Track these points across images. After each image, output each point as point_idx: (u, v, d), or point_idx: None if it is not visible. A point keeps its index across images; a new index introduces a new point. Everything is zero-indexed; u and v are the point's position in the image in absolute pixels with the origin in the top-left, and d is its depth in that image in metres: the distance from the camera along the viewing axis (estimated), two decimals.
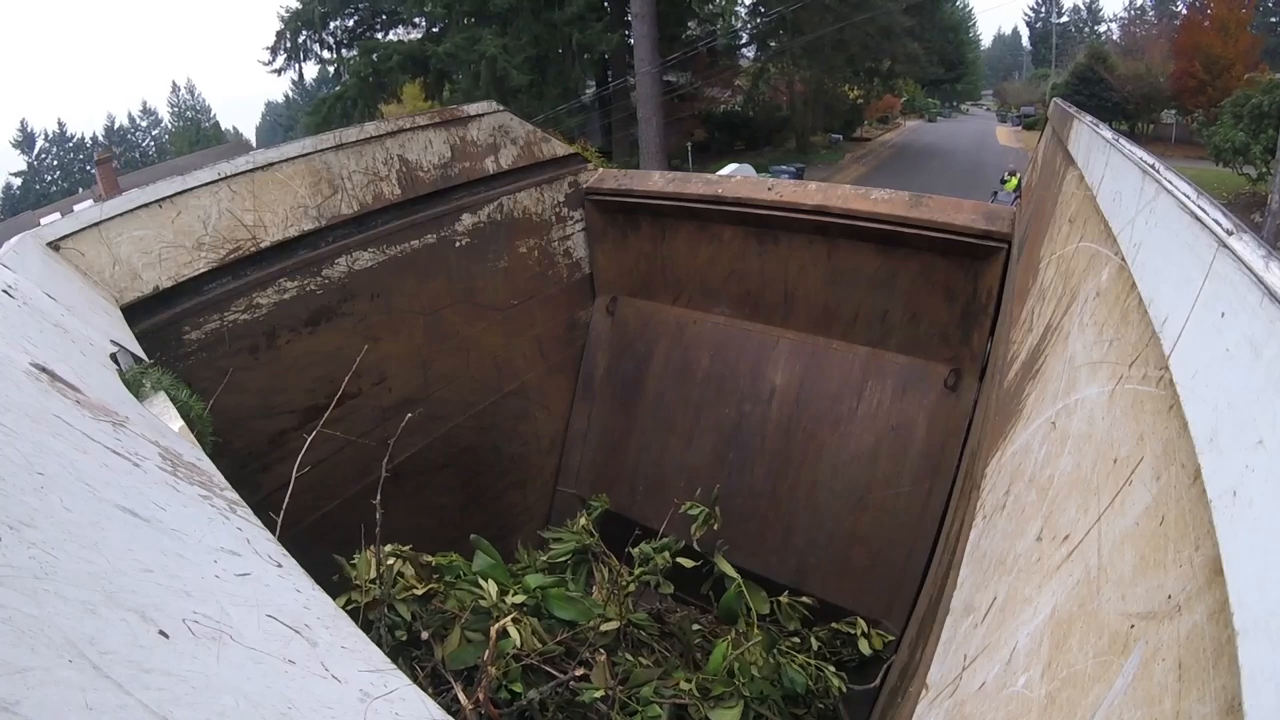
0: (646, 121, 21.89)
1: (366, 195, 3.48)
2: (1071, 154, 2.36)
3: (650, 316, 4.71)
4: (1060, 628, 0.91)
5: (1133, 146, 1.54)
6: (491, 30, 22.28)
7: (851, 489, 3.82)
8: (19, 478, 0.85)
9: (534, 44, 22.35)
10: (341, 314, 3.42)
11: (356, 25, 24.59)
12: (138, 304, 2.65)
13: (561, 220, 4.61)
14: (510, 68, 21.52)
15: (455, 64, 22.75)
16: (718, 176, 4.51)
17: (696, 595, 3.20)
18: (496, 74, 21.59)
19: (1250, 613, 0.56)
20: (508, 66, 21.50)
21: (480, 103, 4.22)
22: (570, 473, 4.79)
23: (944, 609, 1.73)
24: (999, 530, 1.45)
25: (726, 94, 30.43)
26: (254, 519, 1.33)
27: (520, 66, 21.83)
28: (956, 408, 3.59)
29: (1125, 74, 31.61)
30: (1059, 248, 2.06)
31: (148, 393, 1.89)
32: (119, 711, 0.62)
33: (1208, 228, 0.90)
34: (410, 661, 2.07)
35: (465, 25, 23.10)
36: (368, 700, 0.93)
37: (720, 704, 2.35)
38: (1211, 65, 27.97)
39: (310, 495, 3.07)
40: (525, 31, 22.32)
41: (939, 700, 1.30)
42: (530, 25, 22.38)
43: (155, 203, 2.73)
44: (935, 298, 3.66)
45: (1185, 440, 0.80)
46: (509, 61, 21.62)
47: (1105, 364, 1.21)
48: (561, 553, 2.96)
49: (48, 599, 0.69)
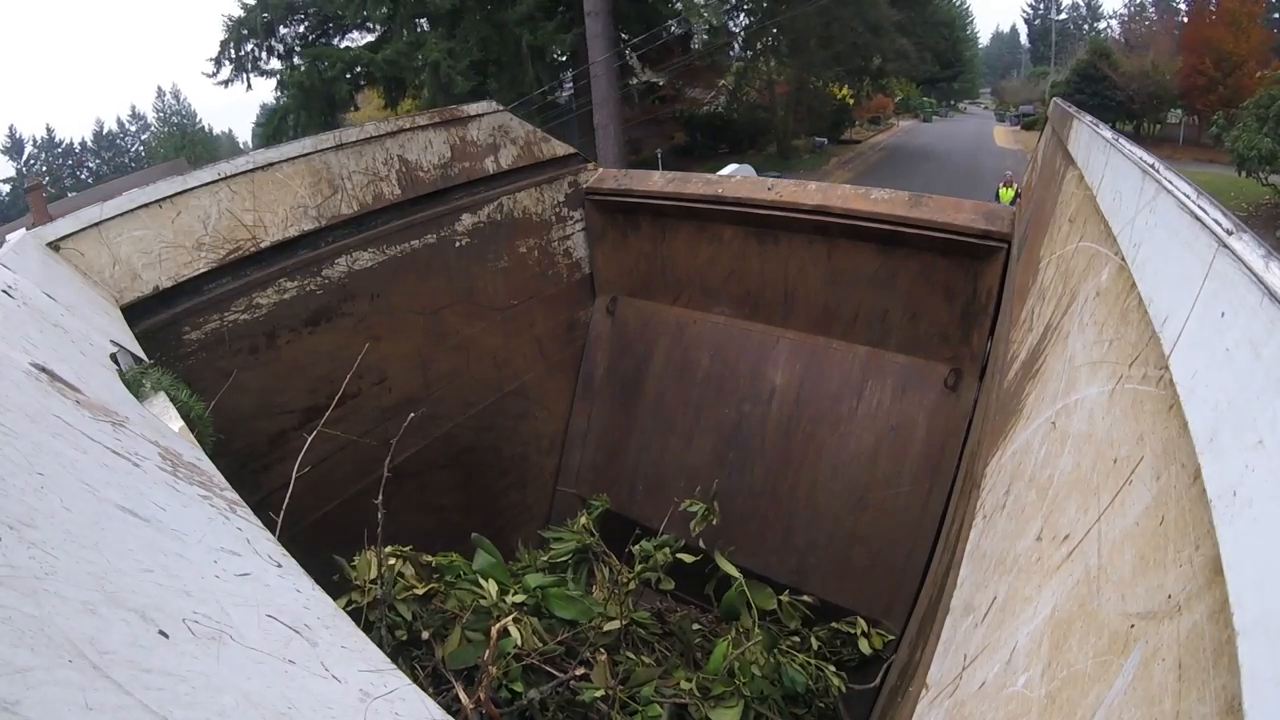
0: (604, 128, 19.80)
1: (366, 195, 3.48)
2: (1071, 154, 2.36)
3: (650, 316, 4.70)
4: (1060, 627, 0.91)
5: (1132, 146, 1.54)
6: (438, 34, 21.21)
7: (851, 489, 3.82)
8: (19, 478, 0.85)
9: (481, 47, 20.98)
10: (341, 314, 3.42)
11: (309, 31, 23.02)
12: (138, 304, 2.64)
13: (561, 220, 4.61)
14: (454, 74, 20.17)
15: (396, 71, 21.58)
16: (718, 176, 4.51)
17: (696, 595, 3.20)
18: (440, 80, 20.39)
19: (1250, 613, 0.56)
20: (451, 72, 20.19)
21: (480, 103, 4.22)
22: (570, 473, 4.79)
23: (944, 609, 1.73)
24: (999, 530, 1.45)
25: (709, 94, 28.84)
26: (254, 519, 1.33)
27: (466, 71, 20.42)
28: (956, 408, 3.59)
29: (1129, 71, 30.33)
30: (1059, 247, 2.06)
31: (148, 393, 1.89)
32: (119, 711, 0.62)
33: (1208, 227, 0.90)
34: (411, 661, 2.07)
35: (411, 30, 21.94)
36: (368, 700, 0.93)
37: (721, 703, 2.35)
38: (1222, 62, 26.39)
39: (310, 495, 3.06)
40: (473, 34, 20.98)
41: (939, 700, 1.30)
42: (478, 27, 21.07)
43: (155, 203, 2.72)
44: (935, 298, 3.67)
45: (1185, 440, 0.80)
46: (453, 67, 20.27)
47: (1105, 364, 1.21)
48: (562, 552, 2.96)
49: (48, 599, 0.69)
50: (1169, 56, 30.26)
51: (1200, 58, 27.13)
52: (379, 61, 21.29)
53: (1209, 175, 22.28)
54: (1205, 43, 27.14)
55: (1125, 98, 30.08)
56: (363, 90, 24.03)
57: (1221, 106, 25.32)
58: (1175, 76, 28.95)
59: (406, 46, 21.35)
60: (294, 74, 22.04)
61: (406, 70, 21.56)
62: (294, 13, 22.35)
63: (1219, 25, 27.21)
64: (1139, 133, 32.03)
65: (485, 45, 21.18)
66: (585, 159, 4.81)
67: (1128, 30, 39.37)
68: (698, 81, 27.51)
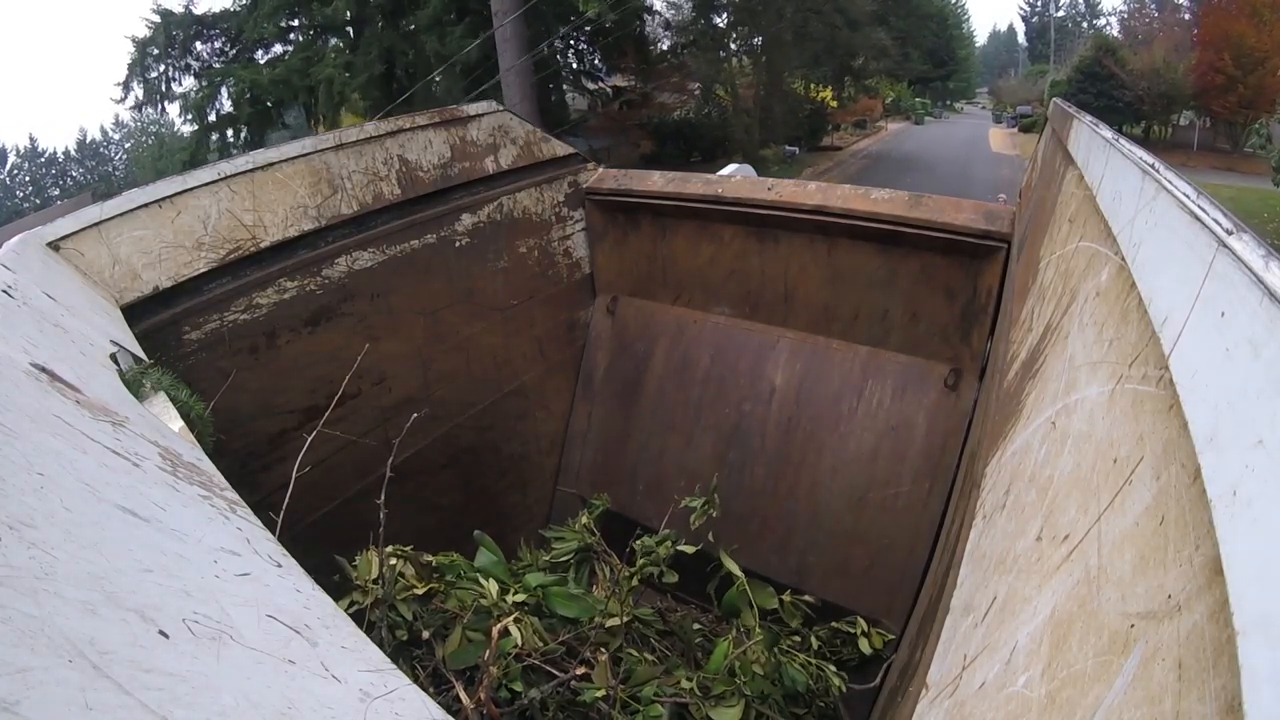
0: None
1: (366, 195, 3.48)
2: (1071, 153, 2.36)
3: (650, 316, 4.71)
4: (1060, 627, 0.91)
5: (1132, 145, 1.54)
6: (336, 48, 19.40)
7: (851, 488, 3.82)
8: (19, 478, 0.85)
9: (384, 58, 19.04)
10: (341, 314, 3.42)
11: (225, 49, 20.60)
12: (138, 304, 2.64)
13: (561, 220, 4.61)
14: (349, 90, 18.61)
15: (286, 91, 19.37)
16: (718, 176, 4.52)
17: (697, 594, 3.20)
18: (334, 99, 18.68)
19: (1250, 613, 0.56)
20: (344, 89, 18.60)
21: (480, 103, 4.22)
22: (570, 472, 4.79)
23: (944, 608, 1.73)
24: (999, 530, 1.45)
25: (679, 98, 26.36)
26: (254, 519, 1.33)
27: (363, 87, 18.76)
28: (956, 407, 3.59)
29: (1138, 69, 27.57)
30: (1059, 247, 2.06)
31: (148, 393, 1.89)
32: (119, 711, 0.62)
33: (1207, 227, 0.90)
34: (411, 661, 2.07)
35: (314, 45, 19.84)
36: (368, 700, 0.94)
37: (721, 703, 2.35)
38: (1242, 58, 23.41)
39: (310, 495, 3.06)
40: (374, 45, 19.00)
41: (939, 700, 1.30)
42: (380, 37, 19.07)
43: (155, 203, 2.72)
44: (935, 297, 3.67)
45: (1185, 440, 0.80)
46: (347, 84, 18.64)
47: (1105, 364, 1.21)
48: (563, 552, 2.96)
49: (48, 599, 0.69)
50: (1178, 52, 27.52)
51: (1218, 53, 24.28)
52: (264, 83, 19.03)
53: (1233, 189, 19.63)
54: (1223, 37, 24.14)
55: (1134, 98, 27.70)
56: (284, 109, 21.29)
57: (1241, 108, 23.44)
58: (1189, 74, 26.21)
59: (300, 62, 19.22)
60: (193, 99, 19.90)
61: (299, 90, 19.37)
62: (205, 30, 20.04)
63: (1239, 17, 24.25)
64: (1148, 137, 29.53)
65: (389, 56, 19.20)
66: (585, 159, 4.81)
67: (1127, 27, 38.18)
68: (666, 85, 25.43)
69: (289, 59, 19.60)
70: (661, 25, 24.16)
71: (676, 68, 25.12)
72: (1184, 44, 28.40)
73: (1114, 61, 28.65)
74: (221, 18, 19.98)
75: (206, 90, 19.82)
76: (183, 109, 20.28)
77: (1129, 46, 31.16)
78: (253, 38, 19.74)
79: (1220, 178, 22.12)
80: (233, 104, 19.99)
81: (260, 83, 19.10)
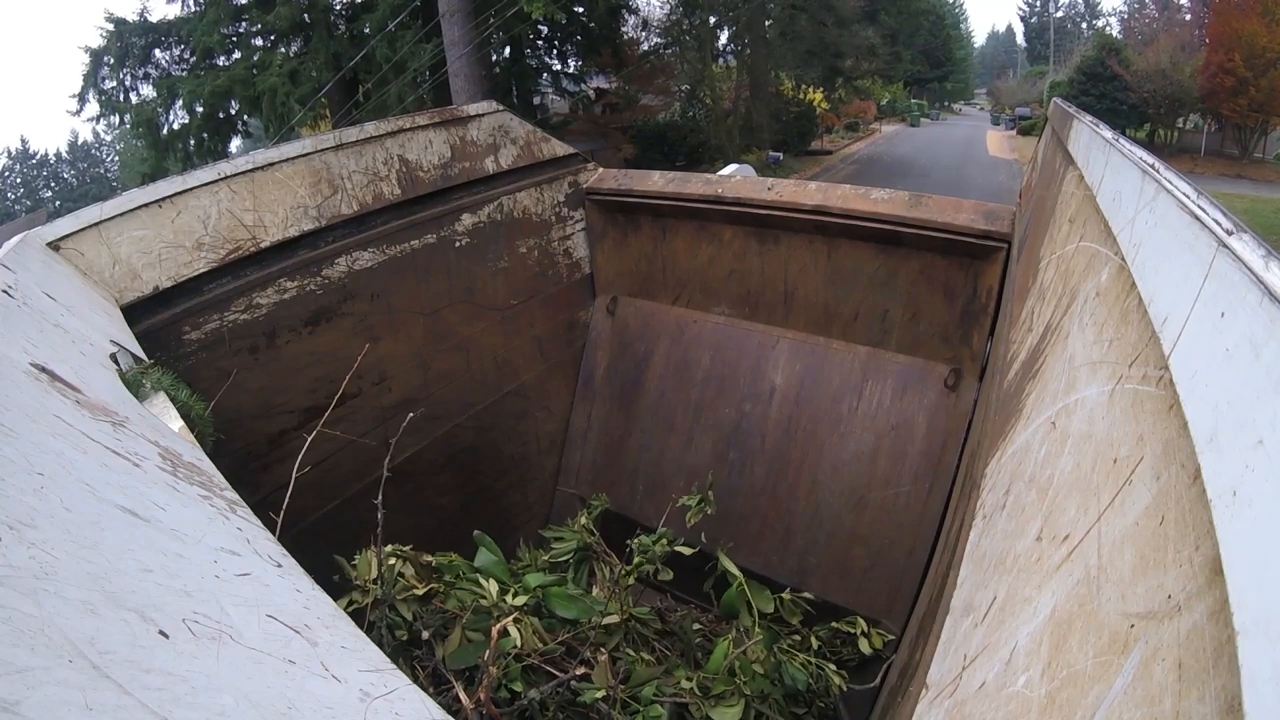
0: None
1: (366, 195, 3.48)
2: (1071, 153, 2.36)
3: (650, 316, 4.71)
4: (1060, 627, 0.91)
5: (1132, 145, 1.54)
6: (281, 56, 18.31)
7: (851, 488, 3.83)
8: (19, 478, 0.85)
9: (334, 66, 17.95)
10: (341, 314, 3.42)
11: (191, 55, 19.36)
12: (138, 304, 2.64)
13: (562, 220, 4.61)
14: (293, 101, 17.50)
15: (240, 102, 18.47)
16: (718, 176, 4.52)
17: (696, 594, 3.20)
18: (277, 110, 17.66)
19: (1250, 613, 0.56)
20: (288, 100, 17.55)
21: (480, 103, 4.22)
22: (570, 472, 4.79)
23: (944, 609, 1.73)
24: (999, 530, 1.45)
25: (663, 101, 25.32)
26: (254, 519, 1.33)
27: (307, 97, 17.68)
28: (956, 407, 3.59)
29: (1143, 70, 26.20)
30: (1059, 247, 2.06)
31: (148, 393, 1.89)
32: (119, 711, 0.62)
33: (1207, 227, 0.90)
34: (411, 661, 2.07)
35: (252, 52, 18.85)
36: (368, 700, 0.94)
37: (721, 702, 2.35)
38: (1254, 59, 22.06)
39: (310, 495, 3.07)
40: (321, 51, 18.06)
41: (939, 700, 1.30)
42: (328, 43, 18.09)
43: (155, 203, 2.72)
44: (935, 297, 3.67)
45: (1185, 440, 0.80)
46: (290, 94, 17.62)
47: (1105, 364, 1.21)
48: (563, 552, 2.97)
49: (48, 599, 0.69)
50: (1185, 52, 26.45)
51: (1228, 54, 22.81)
52: (208, 94, 18.01)
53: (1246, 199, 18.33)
54: (1234, 37, 22.68)
55: (1139, 100, 26.75)
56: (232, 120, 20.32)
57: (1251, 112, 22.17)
58: (1197, 76, 25.17)
59: (244, 71, 18.25)
60: (139, 111, 18.83)
61: (242, 99, 18.38)
62: (163, 38, 19.04)
63: (1250, 16, 22.64)
64: (1153, 141, 28.30)
65: (338, 63, 18.10)
66: (585, 159, 4.81)
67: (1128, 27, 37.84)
68: (649, 87, 24.46)
69: (232, 68, 18.62)
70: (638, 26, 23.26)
71: (659, 69, 24.14)
72: (1190, 43, 27.31)
73: (1118, 62, 27.99)
74: (176, 25, 19.15)
75: (155, 103, 18.80)
76: (132, 123, 19.13)
77: (1131, 47, 30.35)
78: (200, 46, 18.82)
79: (1231, 185, 21.07)
80: (187, 114, 19.19)
81: (200, 93, 18.14)
